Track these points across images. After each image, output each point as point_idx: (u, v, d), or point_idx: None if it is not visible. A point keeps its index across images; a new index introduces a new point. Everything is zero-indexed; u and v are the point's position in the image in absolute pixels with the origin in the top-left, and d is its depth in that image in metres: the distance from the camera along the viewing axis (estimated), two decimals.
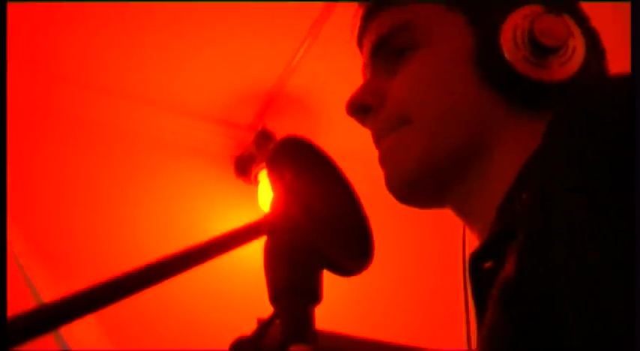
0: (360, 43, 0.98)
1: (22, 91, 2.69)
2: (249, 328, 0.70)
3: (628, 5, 0.84)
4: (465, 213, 0.90)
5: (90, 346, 1.85)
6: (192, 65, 2.74)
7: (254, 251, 0.75)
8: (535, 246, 0.65)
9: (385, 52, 0.93)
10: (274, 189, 0.73)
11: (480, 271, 0.79)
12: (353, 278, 0.75)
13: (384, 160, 0.92)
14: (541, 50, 0.82)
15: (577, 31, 0.84)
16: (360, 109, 0.93)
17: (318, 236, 0.69)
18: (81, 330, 1.84)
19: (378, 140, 0.92)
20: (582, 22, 0.88)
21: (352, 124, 0.96)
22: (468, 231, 0.92)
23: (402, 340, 2.45)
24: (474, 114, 0.87)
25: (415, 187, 0.90)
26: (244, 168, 2.91)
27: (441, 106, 0.88)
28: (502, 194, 0.80)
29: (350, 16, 0.99)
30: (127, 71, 2.76)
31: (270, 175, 0.73)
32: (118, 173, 2.80)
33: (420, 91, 0.89)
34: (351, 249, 0.73)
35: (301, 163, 0.75)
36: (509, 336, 0.65)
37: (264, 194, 2.82)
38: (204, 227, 2.76)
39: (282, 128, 2.88)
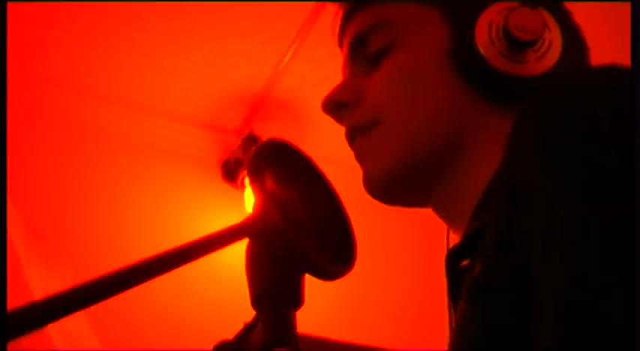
0: (340, 43, 0.98)
1: (12, 94, 2.68)
2: (233, 331, 0.70)
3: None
4: (447, 213, 0.90)
5: (79, 346, 1.84)
6: (179, 69, 2.74)
7: (240, 254, 0.75)
8: (499, 245, 0.65)
9: (363, 51, 0.92)
10: (255, 192, 0.72)
11: (457, 269, 0.78)
12: (338, 281, 0.74)
13: (357, 159, 0.92)
14: (516, 45, 0.81)
15: (554, 25, 0.83)
16: (336, 106, 0.93)
17: (298, 240, 0.69)
18: (72, 331, 1.84)
19: (352, 139, 0.92)
20: (561, 15, 0.87)
21: (340, 128, 0.96)
22: (452, 233, 0.91)
23: (387, 344, 2.45)
24: (449, 113, 0.86)
25: (387, 186, 0.90)
26: (231, 172, 2.91)
27: (412, 107, 0.87)
28: (482, 191, 0.79)
29: (336, 25, 0.99)
30: (114, 75, 2.75)
31: (251, 178, 0.73)
32: (106, 177, 2.79)
33: (393, 92, 0.89)
34: (333, 253, 0.73)
35: (282, 166, 0.74)
36: (474, 331, 0.66)
37: (251, 199, 2.81)
38: (192, 231, 2.72)
39: (269, 132, 2.88)
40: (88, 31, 2.58)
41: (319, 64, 2.68)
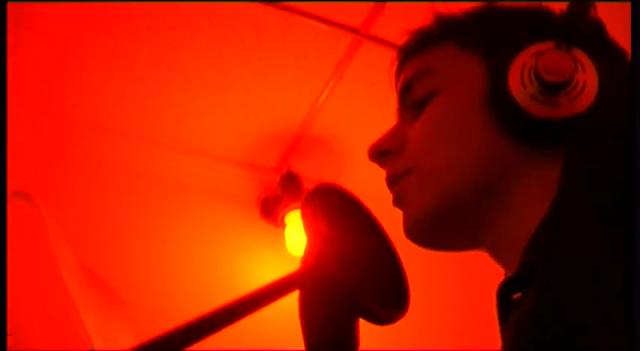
0: (396, 92, 1.00)
1: (51, 137, 2.71)
2: None
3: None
4: (500, 254, 0.90)
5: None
6: (216, 109, 2.75)
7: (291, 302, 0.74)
8: (552, 285, 0.66)
9: (409, 98, 0.94)
10: (309, 238, 0.72)
11: (509, 302, 0.78)
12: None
13: (395, 203, 0.93)
14: (547, 87, 0.81)
15: (589, 64, 0.82)
16: (381, 154, 0.94)
17: (353, 287, 0.68)
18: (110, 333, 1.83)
19: (390, 185, 0.93)
20: (600, 52, 0.86)
21: (377, 165, 0.97)
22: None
23: None
24: (483, 159, 0.86)
25: (422, 231, 0.90)
26: (270, 210, 2.90)
27: (446, 153, 0.88)
28: (530, 233, 0.79)
29: (374, 57, 1.01)
30: (151, 116, 2.77)
31: (306, 223, 0.72)
32: (145, 218, 2.80)
33: (431, 138, 0.90)
34: (388, 298, 0.72)
35: (336, 211, 0.74)
36: None
37: (291, 237, 2.81)
38: (232, 270, 2.75)
39: (307, 170, 2.88)
40: (126, 72, 2.60)
41: (356, 101, 2.68)
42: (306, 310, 0.69)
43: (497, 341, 0.90)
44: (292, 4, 2.43)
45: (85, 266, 1.89)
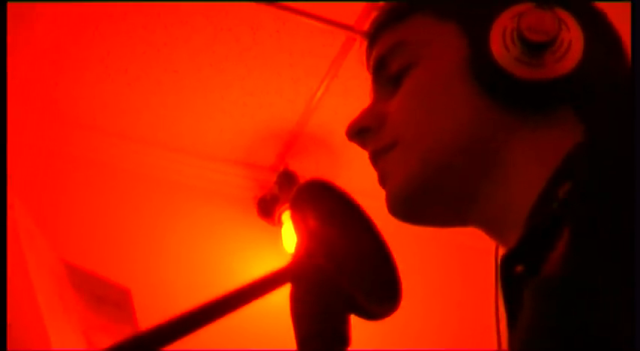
0: (369, 71, 0.96)
1: (46, 138, 2.71)
2: None
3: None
4: (494, 228, 0.86)
5: None
6: (212, 108, 2.75)
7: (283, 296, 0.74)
8: (583, 245, 0.62)
9: (384, 74, 0.91)
10: (298, 234, 0.72)
11: (512, 275, 0.74)
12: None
13: (380, 183, 0.89)
14: (532, 48, 0.78)
15: (573, 24, 0.79)
16: (359, 131, 0.90)
17: (344, 282, 0.68)
18: None
19: (375, 162, 0.90)
20: (583, 13, 0.83)
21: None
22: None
23: None
24: (468, 126, 0.83)
25: (408, 204, 0.86)
26: (267, 209, 2.90)
27: (429, 121, 0.85)
28: (530, 200, 0.76)
29: (365, 56, 0.98)
30: (146, 117, 2.77)
31: (294, 219, 0.72)
32: (143, 219, 2.80)
33: (411, 109, 0.86)
34: (379, 293, 0.72)
35: (325, 206, 0.73)
36: (548, 334, 0.62)
37: (288, 235, 2.81)
38: (229, 269, 2.75)
39: (304, 168, 2.88)
40: (120, 72, 2.60)
41: (352, 99, 2.68)
42: (297, 303, 0.69)
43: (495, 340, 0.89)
44: (286, 3, 2.43)
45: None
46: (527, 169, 0.79)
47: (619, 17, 0.95)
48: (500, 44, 0.79)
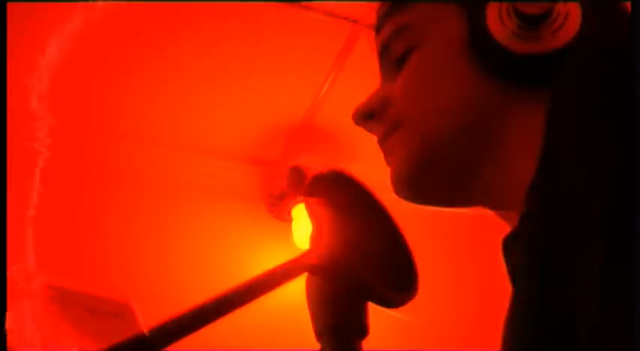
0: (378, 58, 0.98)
1: (58, 141, 2.71)
2: None
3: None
4: (499, 208, 0.87)
5: None
6: (218, 106, 2.75)
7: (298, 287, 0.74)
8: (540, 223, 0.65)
9: (388, 58, 0.91)
10: (313, 225, 0.71)
11: (513, 255, 0.76)
12: None
13: (387, 163, 0.90)
14: (528, 21, 0.77)
15: None
16: (364, 116, 0.92)
17: (362, 270, 0.68)
18: None
19: (382, 145, 0.90)
20: None
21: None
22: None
23: None
24: (469, 103, 0.83)
25: (411, 183, 0.87)
26: (277, 205, 2.90)
27: (430, 100, 0.85)
28: (528, 178, 0.75)
29: (374, 46, 0.99)
30: (153, 116, 2.77)
31: (310, 209, 0.71)
32: (152, 217, 2.80)
33: (413, 89, 0.87)
34: (396, 281, 0.72)
35: (339, 196, 0.73)
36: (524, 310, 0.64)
37: (299, 230, 2.80)
38: (240, 266, 2.75)
39: (312, 162, 2.88)
40: (124, 72, 2.60)
41: (358, 92, 2.63)
42: (315, 294, 0.69)
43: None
44: None
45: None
46: (525, 147, 0.79)
47: None
48: (497, 19, 0.79)
